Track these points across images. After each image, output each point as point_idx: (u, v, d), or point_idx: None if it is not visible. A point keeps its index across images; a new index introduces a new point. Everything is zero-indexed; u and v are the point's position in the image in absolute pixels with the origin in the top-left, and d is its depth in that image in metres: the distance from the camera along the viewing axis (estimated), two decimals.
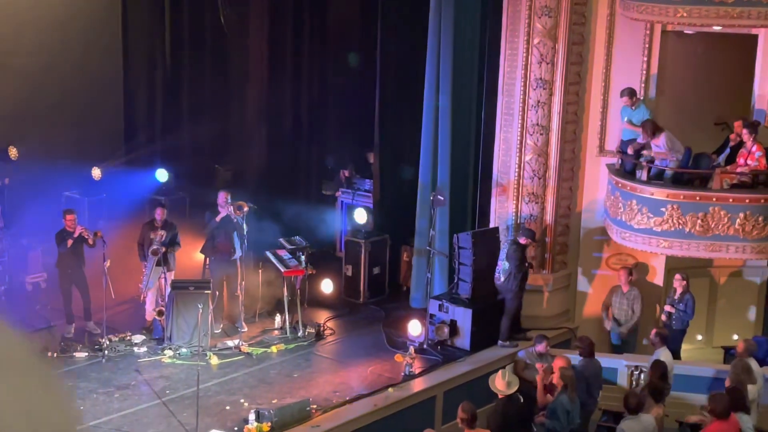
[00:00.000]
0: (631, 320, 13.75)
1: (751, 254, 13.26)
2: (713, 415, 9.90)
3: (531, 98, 13.99)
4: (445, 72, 14.22)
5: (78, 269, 13.24)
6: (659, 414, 10.49)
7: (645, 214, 13.18)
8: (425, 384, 12.36)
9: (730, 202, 12.91)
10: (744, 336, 15.17)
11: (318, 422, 11.19)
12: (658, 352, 11.95)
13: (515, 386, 10.35)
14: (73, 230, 13.14)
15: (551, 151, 14.16)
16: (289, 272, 13.74)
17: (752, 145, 13.04)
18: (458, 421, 9.70)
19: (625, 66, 14.06)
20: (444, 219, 14.37)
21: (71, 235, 13.11)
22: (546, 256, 14.43)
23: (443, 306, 13.52)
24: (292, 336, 13.58)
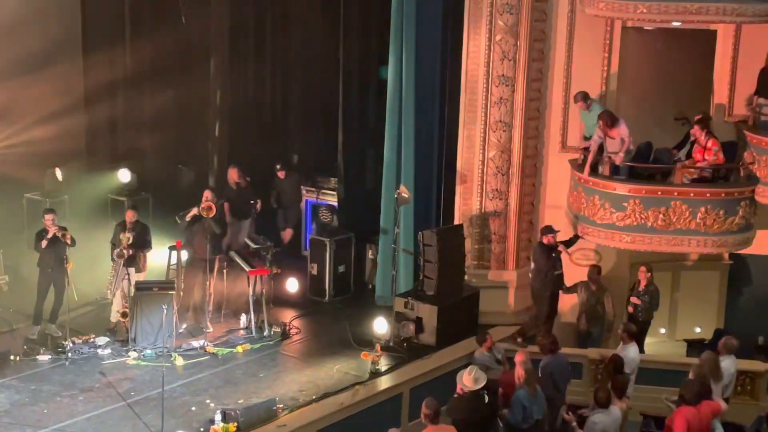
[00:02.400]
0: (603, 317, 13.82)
1: (713, 248, 13.42)
2: (683, 402, 10.00)
3: (494, 95, 14.06)
4: (408, 70, 14.23)
5: (58, 269, 13.10)
6: (621, 407, 10.57)
7: (607, 209, 13.29)
8: (391, 381, 12.38)
9: (691, 196, 13.05)
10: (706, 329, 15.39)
11: (284, 421, 11.17)
12: (627, 348, 12.03)
13: (483, 382, 10.37)
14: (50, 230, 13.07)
15: (514, 147, 14.24)
16: (254, 272, 13.70)
17: (706, 140, 13.17)
18: (422, 417, 9.73)
19: (586, 62, 14.17)
20: (408, 216, 14.38)
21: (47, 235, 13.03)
22: (510, 252, 14.51)
23: (409, 303, 13.54)
24: (257, 335, 13.54)
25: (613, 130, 13.15)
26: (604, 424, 10.14)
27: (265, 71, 17.26)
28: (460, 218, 14.52)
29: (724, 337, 12.18)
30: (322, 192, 16.24)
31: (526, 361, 11.01)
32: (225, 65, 16.55)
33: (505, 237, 14.48)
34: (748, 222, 13.37)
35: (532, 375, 10.89)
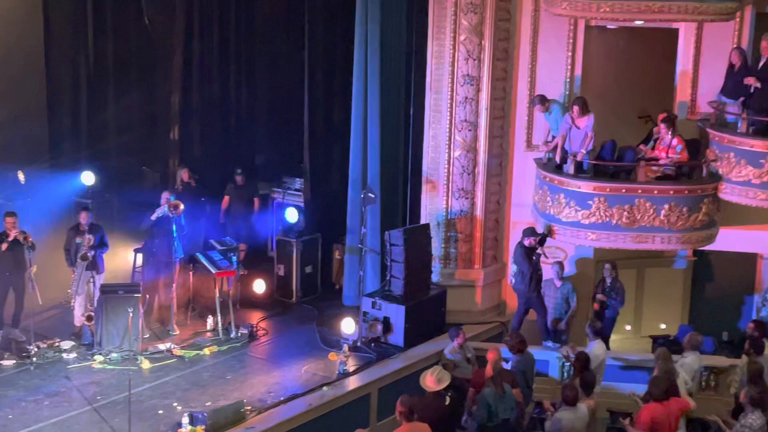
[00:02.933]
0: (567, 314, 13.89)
1: (677, 244, 13.52)
2: (651, 398, 10.08)
3: (459, 95, 14.10)
4: (373, 70, 14.24)
5: (16, 273, 12.94)
6: (589, 405, 10.63)
7: (573, 207, 13.37)
8: (359, 382, 12.37)
9: (655, 193, 13.16)
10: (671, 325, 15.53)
11: (252, 423, 11.14)
12: (592, 345, 12.11)
13: (446, 382, 10.39)
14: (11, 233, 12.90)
15: (480, 146, 14.29)
16: (221, 273, 13.65)
17: (671, 138, 13.30)
18: (397, 415, 9.72)
19: (550, 61, 14.25)
20: (375, 216, 14.40)
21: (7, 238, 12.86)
22: (477, 251, 14.56)
23: (376, 303, 13.55)
24: (224, 337, 13.49)
25: (582, 119, 13.22)
26: (570, 420, 10.19)
27: (230, 71, 17.21)
28: (426, 218, 14.55)
29: (689, 333, 12.30)
30: (288, 193, 16.20)
31: (496, 362, 11.05)
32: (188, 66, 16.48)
33: (471, 236, 14.53)
34: (712, 219, 13.50)
35: (499, 374, 10.92)
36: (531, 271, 13.40)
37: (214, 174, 16.37)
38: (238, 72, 17.27)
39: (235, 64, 17.19)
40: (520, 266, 13.49)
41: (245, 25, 17.04)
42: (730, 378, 12.75)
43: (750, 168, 13.06)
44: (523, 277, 13.48)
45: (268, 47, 16.80)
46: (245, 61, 17.19)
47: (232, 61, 17.16)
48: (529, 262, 13.39)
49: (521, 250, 13.45)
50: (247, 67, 17.25)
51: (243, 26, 17.03)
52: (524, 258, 13.39)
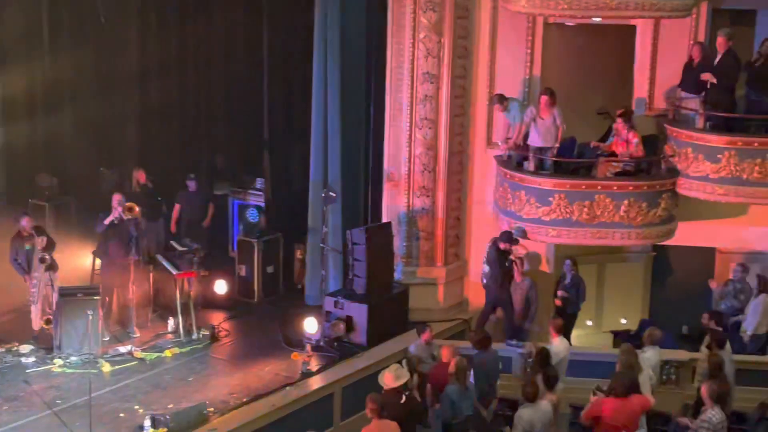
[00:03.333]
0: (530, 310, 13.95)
1: (636, 240, 13.64)
2: (613, 394, 10.13)
3: (419, 92, 14.11)
4: (332, 69, 14.22)
5: None
6: (552, 400, 10.68)
7: (533, 204, 13.43)
8: (323, 381, 12.34)
9: (614, 189, 13.26)
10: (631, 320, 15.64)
11: (215, 425, 11.07)
12: (555, 342, 12.16)
13: (403, 379, 10.37)
14: None
15: (440, 144, 14.32)
16: (181, 275, 13.54)
17: (627, 133, 13.39)
18: (368, 412, 9.70)
19: (510, 58, 14.31)
20: (336, 215, 14.37)
21: None
22: (438, 248, 14.58)
23: (338, 302, 13.53)
24: (186, 339, 13.39)
25: (548, 111, 13.26)
26: (531, 417, 10.22)
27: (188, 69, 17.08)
28: (387, 216, 14.54)
29: (648, 328, 12.39)
30: (249, 193, 16.12)
31: (460, 358, 11.06)
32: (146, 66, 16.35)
33: (433, 234, 14.55)
34: (670, 214, 13.63)
35: (462, 370, 10.93)
36: (503, 274, 13.43)
37: (174, 175, 16.23)
38: (196, 72, 17.15)
39: (193, 63, 17.07)
40: (493, 268, 13.51)
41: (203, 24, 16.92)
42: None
43: (707, 163, 13.20)
44: (495, 278, 13.51)
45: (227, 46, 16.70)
46: (203, 61, 17.07)
47: (189, 61, 17.04)
48: (502, 265, 13.41)
49: (495, 253, 13.46)
50: (205, 67, 17.14)
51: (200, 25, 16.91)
52: (497, 261, 13.41)
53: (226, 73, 16.84)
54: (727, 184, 13.17)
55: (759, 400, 12.05)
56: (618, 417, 10.02)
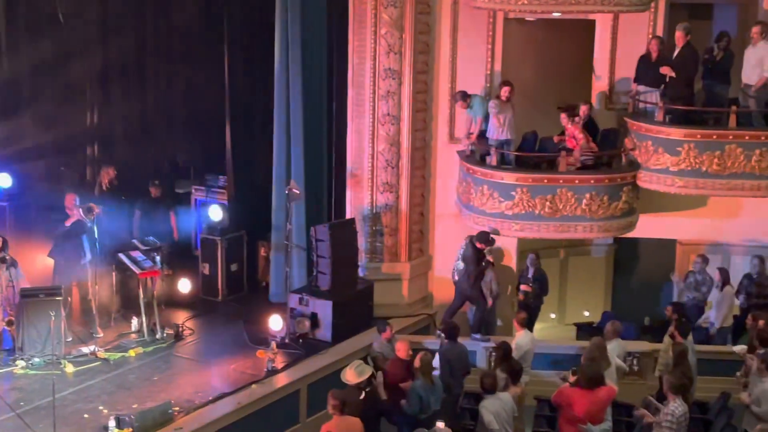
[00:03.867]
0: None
1: (598, 233, 13.76)
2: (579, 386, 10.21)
3: (381, 88, 14.13)
4: (294, 66, 14.19)
5: None
6: (516, 392, 10.74)
7: (496, 198, 13.51)
8: (288, 378, 12.33)
9: (576, 183, 13.36)
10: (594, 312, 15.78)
11: (180, 424, 11.02)
12: (519, 335, 12.23)
13: (365, 375, 10.38)
14: None
15: (403, 140, 14.34)
16: (145, 274, 13.45)
17: (573, 129, 13.48)
18: (329, 409, 9.72)
19: (471, 54, 14.37)
20: (300, 212, 14.35)
21: None
22: (402, 244, 14.61)
23: (303, 299, 13.51)
24: (150, 338, 13.31)
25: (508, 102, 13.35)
26: (494, 407, 10.28)
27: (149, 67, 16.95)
28: (351, 212, 14.56)
29: (609, 322, 12.51)
30: (212, 190, 16.04)
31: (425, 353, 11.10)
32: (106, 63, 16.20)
33: (396, 230, 14.58)
34: (632, 206, 13.76)
35: (427, 365, 10.96)
36: (477, 273, 13.48)
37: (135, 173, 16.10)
38: (156, 70, 17.01)
39: (154, 61, 16.93)
40: (468, 266, 13.55)
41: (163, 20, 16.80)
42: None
43: (667, 156, 13.34)
44: (468, 276, 13.54)
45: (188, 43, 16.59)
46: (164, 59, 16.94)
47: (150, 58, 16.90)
48: (477, 264, 13.46)
49: (472, 253, 13.49)
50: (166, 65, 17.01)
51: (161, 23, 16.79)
52: (474, 259, 13.45)
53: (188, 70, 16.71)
54: (687, 176, 13.33)
55: (721, 389, 12.22)
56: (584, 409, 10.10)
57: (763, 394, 10.46)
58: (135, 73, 16.88)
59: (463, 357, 11.95)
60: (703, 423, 11.66)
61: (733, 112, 13.21)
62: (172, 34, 16.76)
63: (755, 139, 13.16)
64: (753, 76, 13.24)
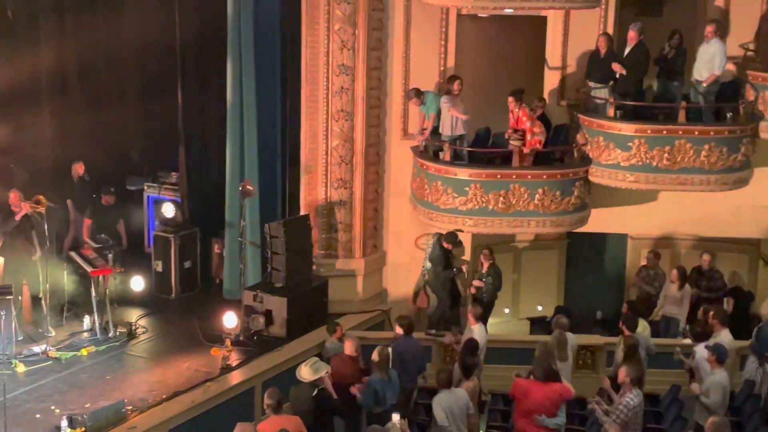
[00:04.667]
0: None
1: (551, 228, 13.87)
2: (534, 378, 10.30)
3: (334, 84, 14.12)
4: (247, 61, 14.14)
5: None
6: (469, 387, 10.80)
7: (450, 194, 13.56)
8: (243, 376, 12.30)
9: (528, 178, 13.46)
10: (547, 306, 15.91)
11: (134, 423, 10.96)
12: (473, 329, 12.29)
13: (321, 373, 10.36)
14: None
15: (357, 136, 14.35)
16: (97, 272, 13.33)
17: (518, 111, 13.52)
18: (264, 407, 9.72)
19: (424, 50, 14.41)
20: (254, 209, 14.30)
21: None
22: (357, 240, 14.62)
23: (258, 296, 13.48)
24: (102, 337, 13.20)
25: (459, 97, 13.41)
26: (447, 402, 10.33)
27: (100, 63, 16.75)
28: (306, 208, 14.54)
29: (555, 316, 12.62)
30: (165, 187, 15.93)
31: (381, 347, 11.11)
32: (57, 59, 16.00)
33: (351, 226, 14.59)
34: (583, 201, 13.89)
35: (384, 359, 10.98)
36: (446, 272, 13.57)
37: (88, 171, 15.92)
38: (108, 65, 16.84)
39: (105, 56, 16.74)
40: (436, 267, 13.59)
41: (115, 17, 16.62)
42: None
43: (618, 151, 13.48)
44: (436, 275, 13.60)
45: (139, 39, 16.42)
46: (115, 54, 16.77)
47: (101, 54, 16.71)
48: (446, 262, 13.53)
49: (441, 253, 13.53)
50: (117, 60, 16.84)
51: (113, 18, 16.61)
52: (441, 261, 13.51)
53: (140, 66, 16.58)
54: (638, 171, 13.47)
55: (672, 382, 12.39)
56: (539, 401, 10.19)
57: (712, 386, 10.63)
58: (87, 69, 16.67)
59: (417, 353, 11.96)
60: (654, 415, 11.82)
61: (682, 108, 13.38)
62: (125, 29, 16.59)
63: (704, 135, 13.35)
64: (704, 72, 13.42)
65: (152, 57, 16.29)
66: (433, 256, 13.62)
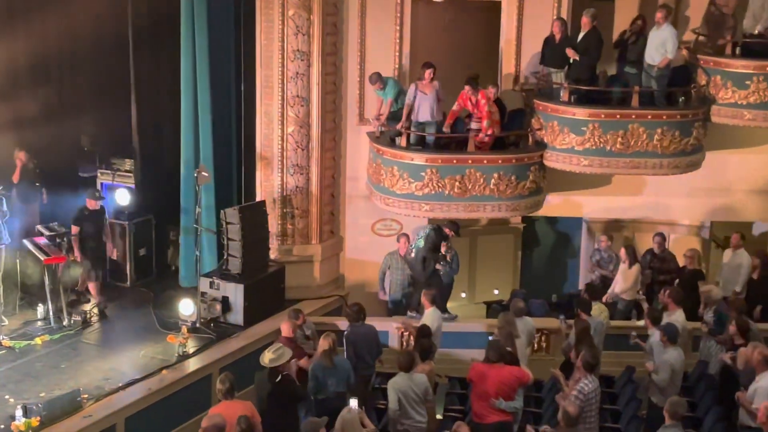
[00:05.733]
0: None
1: (507, 212, 13.95)
2: (488, 361, 10.37)
3: (290, 70, 14.07)
4: (201, 46, 14.02)
5: None
6: (425, 370, 10.83)
7: (406, 179, 13.58)
8: (200, 363, 12.26)
9: (484, 163, 13.51)
10: (504, 290, 16.01)
11: (90, 412, 10.87)
12: (427, 313, 12.33)
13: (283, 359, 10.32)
14: None
15: (313, 122, 14.31)
16: (50, 260, 13.17)
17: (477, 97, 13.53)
18: (217, 393, 9.69)
19: (379, 35, 14.39)
20: (210, 195, 14.22)
21: None
22: (313, 226, 14.60)
23: (214, 283, 13.43)
24: (56, 326, 13.07)
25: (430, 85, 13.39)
26: (402, 385, 10.36)
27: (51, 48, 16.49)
28: (262, 195, 14.48)
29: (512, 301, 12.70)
30: (118, 174, 15.76)
31: (327, 333, 11.08)
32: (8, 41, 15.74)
33: (307, 211, 14.56)
34: (539, 186, 13.98)
35: (329, 347, 10.88)
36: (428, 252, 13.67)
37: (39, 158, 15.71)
38: (59, 50, 16.59)
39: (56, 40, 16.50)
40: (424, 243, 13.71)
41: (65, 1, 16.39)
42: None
43: (573, 135, 13.58)
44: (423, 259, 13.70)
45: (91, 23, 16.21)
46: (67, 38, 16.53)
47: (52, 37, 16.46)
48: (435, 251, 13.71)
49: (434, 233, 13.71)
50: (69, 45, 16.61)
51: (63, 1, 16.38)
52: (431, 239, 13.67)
53: (92, 51, 16.35)
54: (592, 155, 13.58)
55: (626, 363, 12.54)
56: (495, 384, 10.27)
57: (662, 365, 10.80)
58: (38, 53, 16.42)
59: (370, 338, 11.92)
60: (608, 396, 11.96)
61: (635, 92, 13.50)
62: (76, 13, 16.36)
63: (657, 119, 13.49)
64: (657, 57, 13.55)
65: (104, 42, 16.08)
66: (428, 235, 13.71)
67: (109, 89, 15.99)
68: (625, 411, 11.46)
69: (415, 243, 13.90)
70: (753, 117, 13.76)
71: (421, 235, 13.89)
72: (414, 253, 13.87)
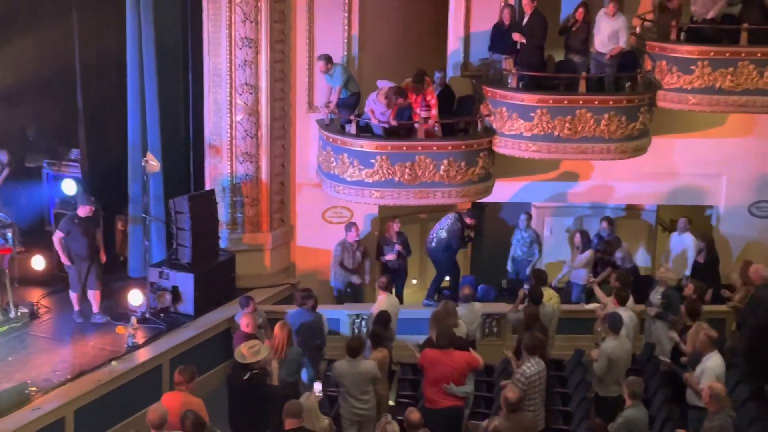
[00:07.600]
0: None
1: (457, 198, 14.00)
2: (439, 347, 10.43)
3: (237, 58, 13.99)
4: (147, 33, 13.89)
5: None
6: (377, 357, 10.86)
7: (356, 166, 13.57)
8: (150, 353, 12.19)
9: (434, 150, 13.54)
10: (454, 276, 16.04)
11: (39, 404, 10.77)
12: (381, 299, 12.35)
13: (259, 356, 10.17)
14: None
15: (261, 109, 14.25)
16: None
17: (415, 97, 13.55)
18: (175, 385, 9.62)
19: (328, 23, 14.36)
20: (158, 184, 14.11)
21: None
22: (263, 214, 14.55)
23: (164, 273, 13.34)
24: (3, 318, 12.90)
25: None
26: (342, 371, 10.43)
27: None
28: (211, 183, 14.40)
29: (462, 288, 12.78)
30: (65, 164, 15.56)
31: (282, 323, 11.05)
32: None
33: (257, 200, 14.51)
34: (488, 172, 14.04)
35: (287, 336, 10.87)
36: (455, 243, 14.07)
37: None
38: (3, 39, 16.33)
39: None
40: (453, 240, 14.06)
41: None
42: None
43: (521, 121, 13.64)
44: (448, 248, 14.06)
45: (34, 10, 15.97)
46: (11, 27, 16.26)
47: None
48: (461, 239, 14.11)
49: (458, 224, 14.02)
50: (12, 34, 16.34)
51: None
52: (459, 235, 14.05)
53: (35, 39, 16.10)
54: (540, 141, 13.66)
55: (576, 347, 12.68)
56: (446, 370, 10.33)
57: (600, 353, 10.82)
58: None
59: (315, 327, 11.88)
60: (558, 379, 12.08)
61: (582, 78, 13.61)
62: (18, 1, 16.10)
63: (604, 104, 13.60)
64: (609, 45, 13.66)
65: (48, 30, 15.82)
66: (451, 227, 13.99)
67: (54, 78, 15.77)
68: (575, 394, 11.58)
69: (437, 232, 14.08)
70: (698, 101, 13.92)
71: (443, 225, 14.07)
72: (435, 243, 14.08)
